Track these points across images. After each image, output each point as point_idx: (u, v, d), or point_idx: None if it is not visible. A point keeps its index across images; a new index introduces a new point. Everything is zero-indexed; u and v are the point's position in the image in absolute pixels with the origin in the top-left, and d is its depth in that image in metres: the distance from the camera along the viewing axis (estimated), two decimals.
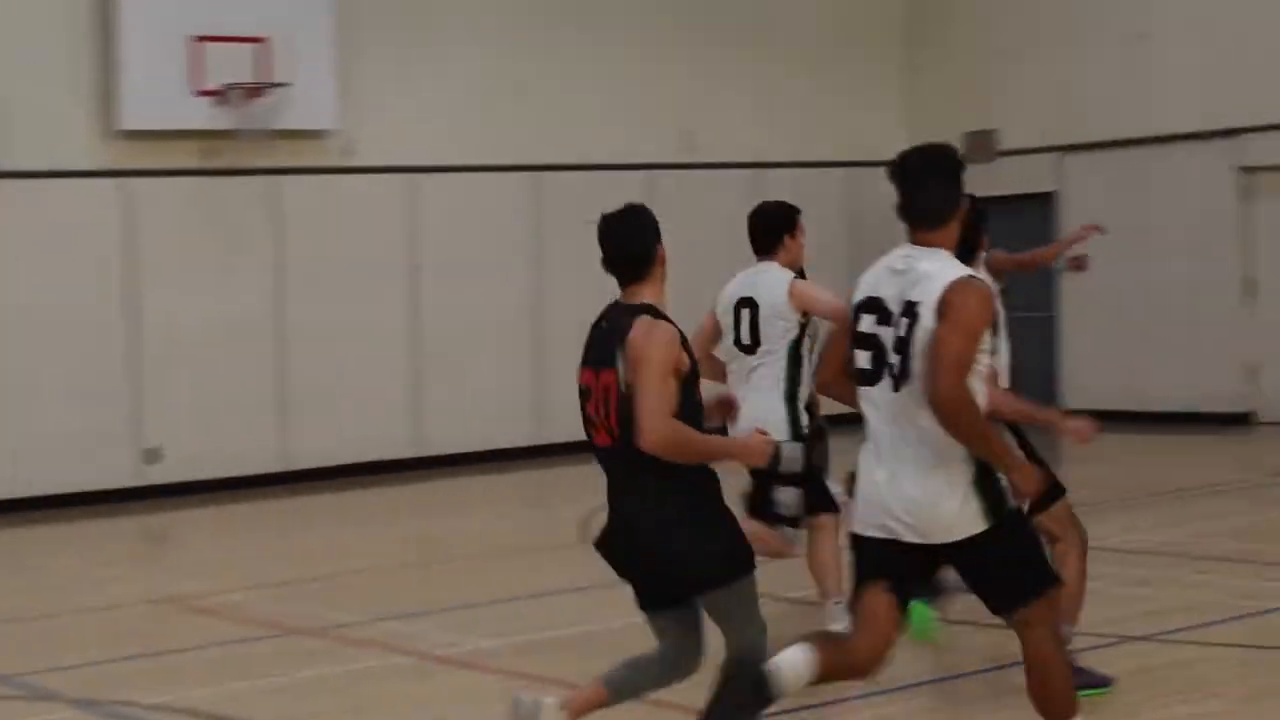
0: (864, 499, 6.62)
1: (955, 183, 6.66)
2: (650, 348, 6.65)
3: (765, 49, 21.99)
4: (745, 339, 9.60)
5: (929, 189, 6.62)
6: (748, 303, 9.58)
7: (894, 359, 6.49)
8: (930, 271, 6.50)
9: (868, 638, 6.59)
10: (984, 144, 22.17)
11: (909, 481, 6.47)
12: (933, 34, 22.91)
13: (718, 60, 21.64)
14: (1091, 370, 21.44)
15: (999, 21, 22.19)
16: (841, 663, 6.63)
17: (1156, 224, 20.76)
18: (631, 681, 7.08)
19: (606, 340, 6.83)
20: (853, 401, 6.70)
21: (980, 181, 21.60)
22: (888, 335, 6.52)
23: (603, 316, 6.94)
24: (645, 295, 6.87)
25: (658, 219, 7.02)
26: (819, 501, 9.62)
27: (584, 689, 7.10)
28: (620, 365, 6.71)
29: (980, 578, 6.62)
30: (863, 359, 6.60)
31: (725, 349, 9.70)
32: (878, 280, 6.64)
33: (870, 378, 6.58)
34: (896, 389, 6.50)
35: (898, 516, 6.49)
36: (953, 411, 6.30)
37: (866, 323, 6.59)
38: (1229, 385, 20.29)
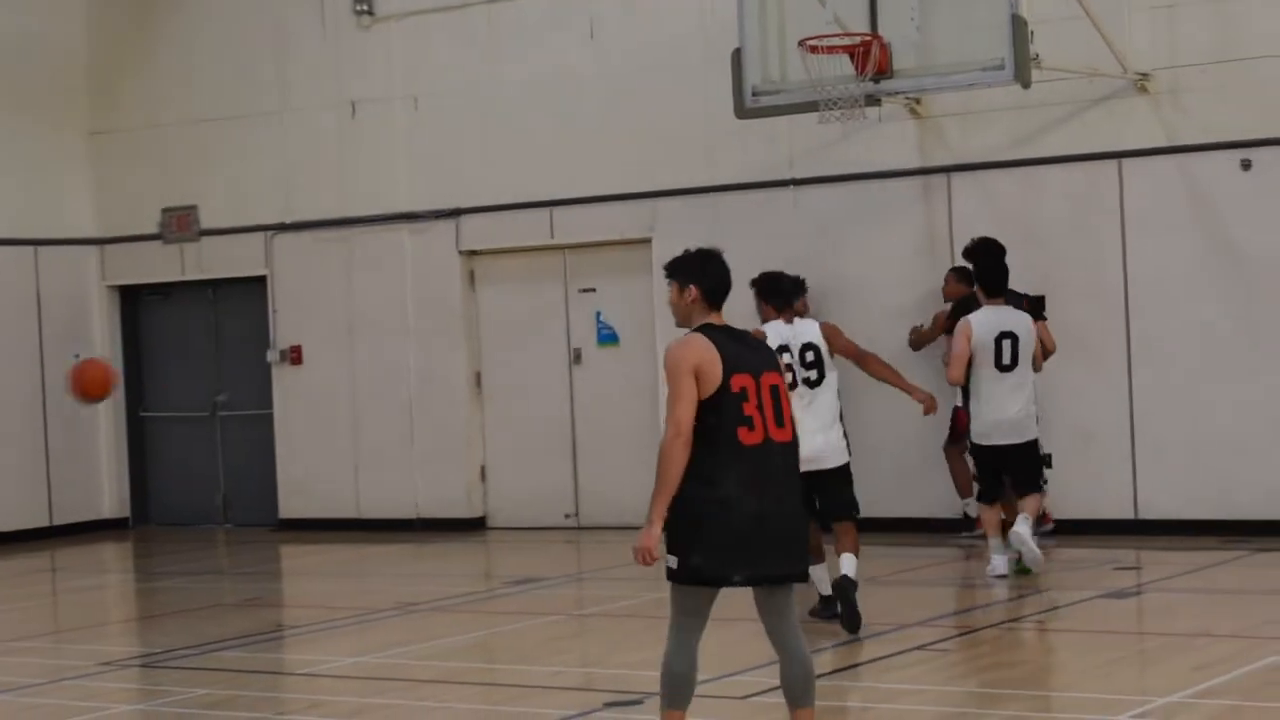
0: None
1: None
2: None
3: None
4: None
5: (796, 290, 12.50)
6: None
7: (810, 373, 11.94)
8: (808, 326, 12.14)
9: None
10: (184, 221, 20.26)
11: (818, 432, 11.81)
12: (121, 99, 20.79)
13: None
14: (312, 473, 19.68)
15: (195, 88, 20.29)
16: None
17: (380, 312, 19.24)
18: (800, 679, 8.05)
19: (757, 350, 8.07)
20: None
21: (178, 263, 20.42)
22: (794, 361, 11.89)
23: (728, 333, 8.00)
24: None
25: None
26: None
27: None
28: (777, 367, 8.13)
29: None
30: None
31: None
32: (779, 337, 11.85)
33: (790, 386, 11.24)
34: (814, 387, 11.96)
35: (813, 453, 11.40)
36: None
37: (784, 358, 11.74)
38: (460, 488, 18.90)
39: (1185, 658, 10.79)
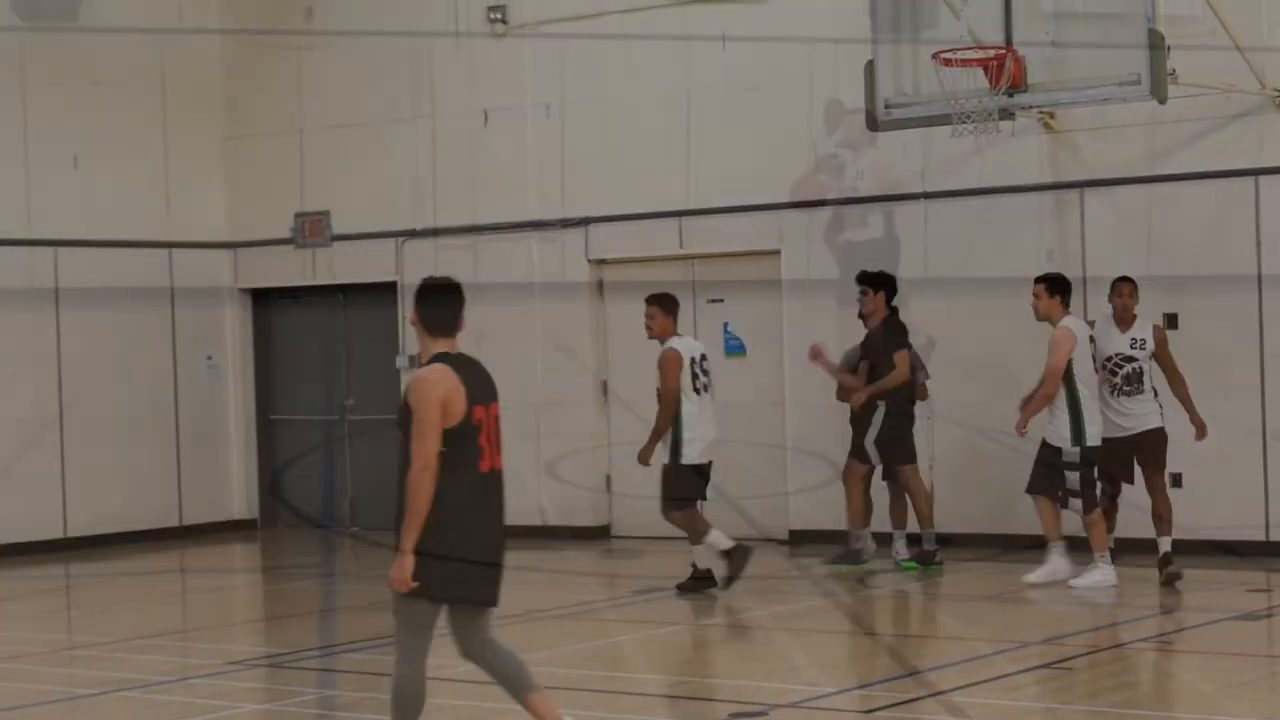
0: (701, 439, 14.68)
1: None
2: None
3: (66, 110, 19.72)
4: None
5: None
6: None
7: (707, 379, 14.63)
8: (696, 343, 14.94)
9: None
10: (316, 226, 20.43)
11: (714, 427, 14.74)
12: (256, 106, 21.01)
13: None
14: None
15: (329, 94, 20.46)
16: None
17: (508, 320, 19.31)
18: (522, 665, 8.67)
19: (487, 379, 8.28)
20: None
21: (310, 268, 20.62)
22: (697, 370, 14.54)
23: (464, 362, 8.23)
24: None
25: None
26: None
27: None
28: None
29: None
30: (699, 384, 14.63)
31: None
32: (690, 350, 14.62)
33: (698, 392, 14.56)
34: (707, 391, 14.65)
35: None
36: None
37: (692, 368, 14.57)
38: (586, 496, 18.94)
39: None
